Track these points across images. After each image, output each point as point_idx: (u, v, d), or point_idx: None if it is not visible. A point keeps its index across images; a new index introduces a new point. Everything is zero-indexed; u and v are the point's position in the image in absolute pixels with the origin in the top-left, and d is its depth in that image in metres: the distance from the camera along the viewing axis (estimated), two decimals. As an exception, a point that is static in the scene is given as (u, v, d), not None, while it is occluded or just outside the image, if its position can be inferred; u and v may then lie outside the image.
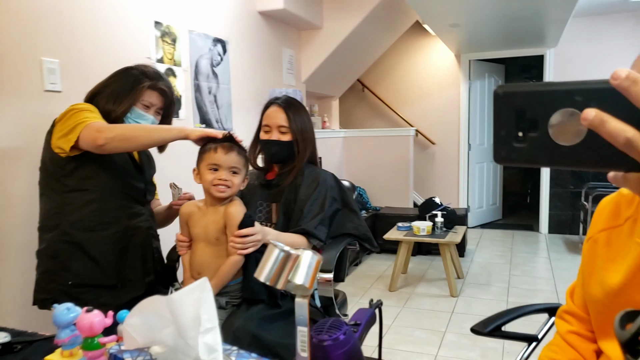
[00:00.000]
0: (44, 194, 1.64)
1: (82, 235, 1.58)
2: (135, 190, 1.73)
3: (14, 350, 0.98)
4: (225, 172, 1.46)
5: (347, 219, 1.82)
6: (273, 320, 1.54)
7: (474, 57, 5.93)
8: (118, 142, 1.46)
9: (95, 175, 1.60)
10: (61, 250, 1.57)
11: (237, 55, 3.50)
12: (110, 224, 1.62)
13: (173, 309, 0.69)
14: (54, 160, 1.57)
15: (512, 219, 6.68)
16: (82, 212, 1.59)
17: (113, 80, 1.69)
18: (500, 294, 3.77)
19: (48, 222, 1.61)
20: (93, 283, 1.58)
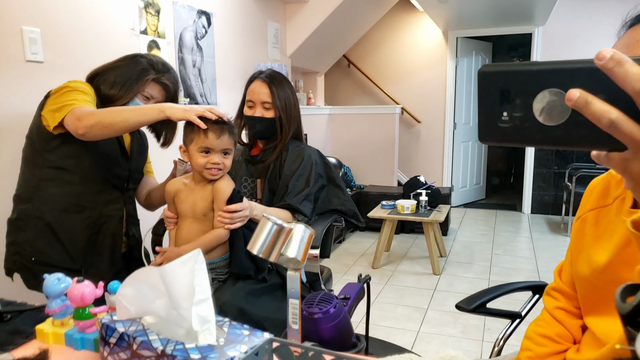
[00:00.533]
0: (25, 164, 1.60)
1: (54, 215, 1.56)
2: (117, 177, 1.69)
3: (4, 320, 0.97)
4: (218, 155, 1.43)
5: (332, 194, 1.83)
6: (259, 295, 1.55)
7: (461, 34, 5.90)
8: (98, 130, 1.42)
9: (77, 156, 1.57)
10: (30, 224, 1.56)
11: (222, 28, 3.42)
12: (85, 208, 1.60)
13: (166, 280, 0.69)
14: (40, 132, 1.54)
15: (495, 199, 6.76)
16: (58, 191, 1.56)
17: (119, 65, 1.64)
18: (482, 273, 3.83)
19: (23, 194, 1.59)
20: (56, 264, 1.55)
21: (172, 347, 0.69)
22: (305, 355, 0.69)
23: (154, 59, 1.69)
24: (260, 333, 0.75)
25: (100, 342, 0.77)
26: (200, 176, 1.49)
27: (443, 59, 6.00)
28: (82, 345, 0.85)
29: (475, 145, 6.38)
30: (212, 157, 1.42)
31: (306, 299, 0.94)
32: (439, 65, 6.02)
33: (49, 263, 1.56)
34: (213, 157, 1.42)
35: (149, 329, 0.73)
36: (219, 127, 1.42)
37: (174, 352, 0.68)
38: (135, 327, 0.74)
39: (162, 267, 0.69)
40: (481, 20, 5.40)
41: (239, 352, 0.69)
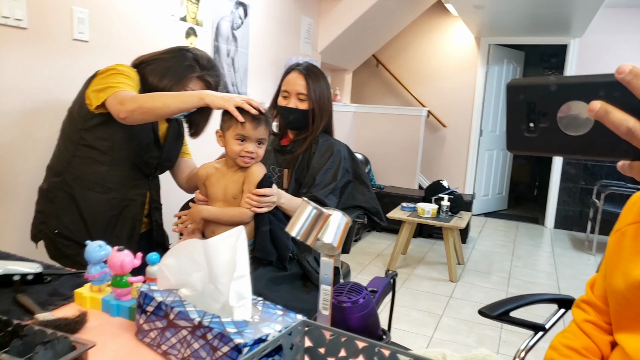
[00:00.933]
0: (62, 137, 1.65)
1: (81, 192, 1.60)
2: (146, 164, 1.72)
3: (44, 282, 1.00)
4: (253, 144, 1.45)
5: (358, 191, 1.83)
6: (279, 283, 1.56)
7: (494, 41, 5.83)
8: (138, 115, 1.45)
9: (111, 138, 1.60)
10: (58, 197, 1.60)
11: (258, 20, 3.45)
12: (110, 190, 1.63)
13: (208, 253, 0.70)
14: (81, 110, 1.58)
15: (517, 210, 6.67)
16: (88, 170, 1.60)
17: (166, 58, 1.67)
18: (500, 284, 3.79)
19: (56, 166, 1.63)
20: (76, 239, 1.59)
21: (208, 320, 0.70)
22: (337, 340, 0.70)
23: (199, 54, 1.71)
24: (293, 314, 0.76)
25: (137, 309, 0.79)
26: (232, 161, 1.51)
27: (473, 65, 5.94)
28: (117, 312, 0.88)
29: (501, 154, 6.31)
30: (247, 145, 1.44)
31: (335, 287, 0.95)
32: (468, 70, 5.97)
33: (69, 237, 1.60)
34: (248, 146, 1.44)
35: (185, 301, 0.75)
36: (257, 117, 1.45)
37: (211, 324, 0.69)
38: (173, 297, 0.75)
39: (206, 241, 0.70)
40: (515, 28, 5.33)
41: (273, 330, 0.70)
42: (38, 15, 1.88)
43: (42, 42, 1.91)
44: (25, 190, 1.83)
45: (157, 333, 0.76)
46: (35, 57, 1.89)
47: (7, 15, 1.76)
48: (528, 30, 5.35)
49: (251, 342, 0.66)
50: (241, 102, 1.44)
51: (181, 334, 0.72)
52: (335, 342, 0.70)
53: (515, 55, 6.22)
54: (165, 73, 1.63)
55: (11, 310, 0.87)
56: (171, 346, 0.74)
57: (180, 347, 0.72)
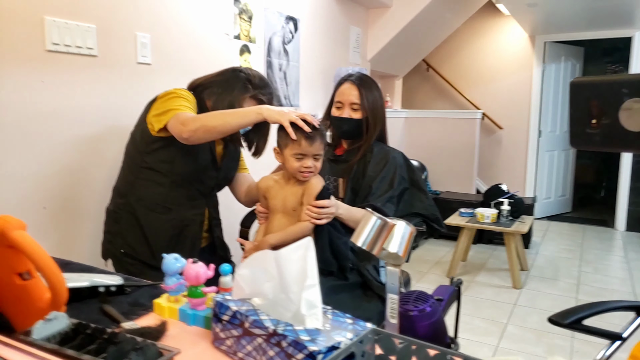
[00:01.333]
0: (126, 159, 1.74)
1: (143, 213, 1.67)
2: (204, 186, 1.77)
3: (126, 293, 1.07)
4: (310, 159, 1.49)
5: (415, 198, 1.82)
6: (338, 292, 1.57)
7: (550, 38, 5.63)
8: (201, 134, 1.49)
9: (172, 161, 1.66)
10: (124, 218, 1.68)
11: (307, 33, 3.52)
12: (170, 210, 1.69)
13: (280, 264, 0.73)
14: (144, 133, 1.66)
15: (583, 213, 6.36)
16: (150, 192, 1.67)
17: (220, 80, 1.73)
18: (569, 290, 3.63)
19: (121, 188, 1.72)
20: (140, 259, 1.67)
21: (282, 328, 0.73)
22: (408, 348, 0.71)
23: (251, 74, 1.75)
24: (362, 323, 0.77)
25: (214, 318, 0.83)
26: (291, 175, 1.55)
27: (529, 64, 5.76)
28: (193, 321, 0.93)
29: (562, 154, 6.06)
30: (305, 161, 1.48)
31: (401, 296, 0.95)
32: (524, 70, 5.79)
33: (134, 257, 1.67)
34: (306, 162, 1.48)
35: (258, 310, 0.78)
36: (312, 135, 1.47)
37: (285, 332, 0.72)
38: (247, 306, 0.79)
39: (278, 252, 0.74)
40: (572, 23, 5.13)
41: (345, 338, 0.72)
42: (106, 43, 2.01)
43: (110, 68, 2.04)
44: (95, 210, 1.94)
45: (233, 341, 0.79)
46: (105, 82, 2.02)
47: (80, 45, 1.90)
48: (587, 24, 5.13)
49: (325, 349, 0.68)
50: (296, 119, 1.46)
51: (256, 341, 0.75)
52: (406, 350, 0.71)
53: (574, 51, 5.98)
54: (221, 95, 1.68)
55: (99, 319, 0.94)
56: (247, 353, 0.77)
57: (255, 354, 0.76)
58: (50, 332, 0.74)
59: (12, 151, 1.73)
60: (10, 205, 1.73)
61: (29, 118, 1.77)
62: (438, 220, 1.84)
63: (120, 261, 1.70)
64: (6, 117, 1.70)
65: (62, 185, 1.92)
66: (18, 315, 0.86)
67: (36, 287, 0.83)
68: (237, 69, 1.77)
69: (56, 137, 1.87)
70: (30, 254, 0.78)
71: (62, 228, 1.92)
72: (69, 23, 1.85)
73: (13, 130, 1.73)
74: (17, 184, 1.76)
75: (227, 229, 1.95)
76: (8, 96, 1.70)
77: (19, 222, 0.79)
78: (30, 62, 1.75)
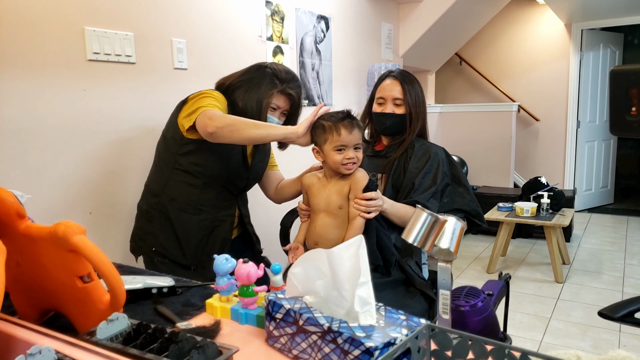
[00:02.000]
0: (158, 159, 1.76)
1: (176, 213, 1.69)
2: (235, 186, 1.79)
3: (177, 293, 1.10)
4: (352, 150, 1.48)
5: (457, 194, 1.80)
6: (382, 289, 1.57)
7: (587, 26, 5.45)
8: (227, 133, 1.48)
9: (204, 164, 1.68)
10: (156, 217, 1.71)
11: (339, 31, 3.52)
12: (201, 211, 1.71)
13: (332, 261, 0.74)
14: (175, 135, 1.67)
15: (626, 204, 6.14)
16: (182, 193, 1.69)
17: (247, 79, 1.72)
18: (614, 284, 3.52)
19: (154, 187, 1.74)
20: (171, 258, 1.70)
21: (337, 325, 0.74)
22: (464, 343, 0.71)
23: (277, 69, 1.74)
24: (416, 319, 0.77)
25: (266, 317, 0.84)
26: (332, 171, 1.55)
27: (565, 53, 5.59)
28: (246, 319, 0.95)
29: (602, 145, 5.86)
30: (346, 152, 1.47)
31: (452, 292, 0.95)
32: (560, 60, 5.63)
33: (165, 255, 1.70)
34: (347, 153, 1.47)
35: (311, 307, 0.79)
36: (349, 123, 1.48)
37: (340, 329, 0.73)
38: (300, 304, 0.80)
39: (330, 250, 0.74)
40: (611, 9, 4.95)
41: (400, 334, 0.72)
42: (144, 50, 2.06)
43: (148, 74, 2.09)
44: (127, 208, 2.00)
45: (287, 339, 0.80)
46: (143, 88, 2.07)
47: (119, 53, 1.96)
48: (626, 9, 4.94)
49: (381, 345, 0.69)
50: (313, 118, 1.50)
51: (311, 339, 0.76)
52: (462, 345, 0.71)
53: (613, 38, 5.77)
54: (248, 93, 1.68)
55: (154, 319, 0.97)
56: (302, 351, 0.78)
57: (310, 351, 0.77)
58: (112, 332, 0.77)
59: (58, 157, 1.80)
60: (58, 209, 1.80)
61: (73, 125, 1.83)
62: (479, 215, 1.81)
63: (150, 258, 1.73)
64: (51, 124, 1.76)
65: (105, 190, 1.98)
66: (80, 316, 0.89)
67: (96, 289, 0.86)
68: (263, 65, 1.76)
69: (98, 143, 1.93)
70: (91, 258, 0.81)
71: (102, 230, 1.98)
72: (107, 32, 1.90)
73: (58, 137, 1.79)
74: (65, 188, 1.82)
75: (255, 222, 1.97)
76: (52, 105, 1.76)
77: (79, 227, 0.82)
78: (72, 71, 1.81)
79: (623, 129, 0.49)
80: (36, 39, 1.70)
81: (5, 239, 0.81)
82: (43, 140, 1.74)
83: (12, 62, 1.64)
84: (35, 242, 0.85)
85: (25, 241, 0.86)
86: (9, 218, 0.85)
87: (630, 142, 7.14)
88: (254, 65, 1.77)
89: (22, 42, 1.67)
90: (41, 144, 1.74)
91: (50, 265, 0.86)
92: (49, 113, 1.75)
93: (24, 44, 1.67)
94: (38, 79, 1.71)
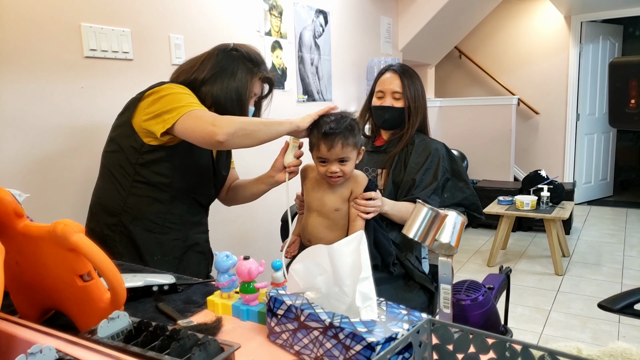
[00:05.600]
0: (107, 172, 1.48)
1: (141, 234, 1.44)
2: (204, 197, 1.59)
3: (178, 291, 1.10)
4: (334, 164, 1.38)
5: (457, 188, 1.80)
6: (380, 284, 1.57)
7: (586, 18, 5.43)
8: (240, 139, 1.28)
9: (171, 174, 1.44)
10: (116, 240, 1.44)
11: (338, 26, 3.51)
12: (171, 230, 1.48)
13: (333, 257, 0.74)
14: (133, 141, 1.41)
15: (625, 196, 6.15)
16: (146, 210, 1.44)
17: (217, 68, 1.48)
18: (614, 276, 3.52)
19: (108, 205, 1.46)
20: None
21: (338, 320, 0.74)
22: (466, 337, 0.70)
23: (247, 50, 1.52)
24: (417, 313, 0.77)
25: (268, 313, 0.84)
26: None
27: (565, 46, 5.58)
28: (247, 316, 0.95)
29: (602, 137, 5.86)
30: (328, 166, 1.39)
31: (453, 286, 0.94)
32: (560, 52, 5.61)
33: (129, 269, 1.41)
34: (330, 167, 1.39)
35: (313, 303, 0.79)
36: (330, 139, 1.35)
37: (341, 324, 0.73)
38: (301, 300, 0.80)
39: (331, 246, 0.74)
40: (611, 1, 4.93)
41: (402, 329, 0.72)
42: (141, 46, 2.05)
43: (146, 70, 2.08)
44: None
45: (289, 335, 0.80)
46: (141, 84, 2.02)
47: (116, 49, 1.95)
48: (626, 1, 4.92)
49: (383, 340, 0.69)
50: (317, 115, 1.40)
51: (313, 334, 0.76)
52: (463, 339, 0.70)
53: (612, 30, 5.76)
54: (226, 86, 1.45)
55: (155, 317, 0.97)
56: (304, 346, 0.78)
57: (312, 347, 0.77)
58: (113, 330, 0.76)
59: (56, 155, 1.79)
60: (60, 208, 1.80)
61: (70, 123, 1.83)
62: (478, 208, 1.81)
63: None
64: (48, 122, 1.76)
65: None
66: (80, 315, 0.89)
67: (96, 288, 0.86)
68: (224, 48, 1.52)
69: (96, 141, 1.92)
70: (91, 257, 0.80)
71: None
72: (104, 28, 1.89)
73: (56, 135, 1.78)
74: (63, 186, 1.82)
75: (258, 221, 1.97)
76: (49, 102, 1.75)
77: (78, 226, 0.82)
78: (69, 68, 1.80)
79: (622, 121, 0.48)
80: (32, 35, 1.69)
81: (4, 238, 0.81)
82: (41, 139, 1.74)
83: (9, 59, 1.63)
84: (34, 241, 0.85)
85: (24, 240, 0.86)
86: (7, 217, 0.85)
87: (629, 135, 7.14)
88: (215, 50, 1.52)
89: (19, 39, 1.66)
90: (39, 142, 1.73)
91: (50, 264, 0.86)
92: (46, 111, 1.75)
93: (20, 41, 1.66)
94: (35, 77, 1.71)
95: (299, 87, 3.10)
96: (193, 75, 1.47)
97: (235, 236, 2.62)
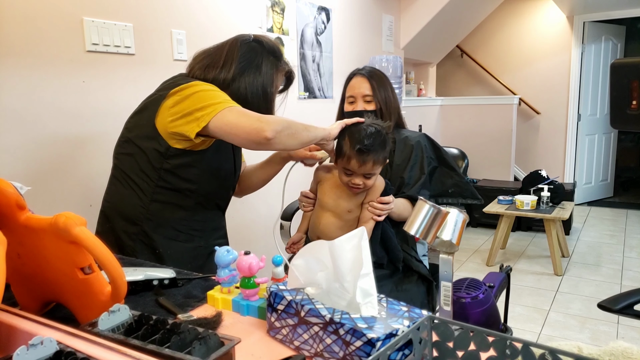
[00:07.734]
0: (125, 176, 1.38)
1: (164, 243, 1.37)
2: (224, 201, 1.54)
3: (178, 285, 1.10)
4: (360, 177, 1.41)
5: (445, 175, 1.77)
6: (379, 280, 1.57)
7: (589, 18, 5.42)
8: (285, 138, 1.21)
9: (198, 180, 1.37)
10: (138, 250, 1.37)
11: (340, 23, 3.50)
12: (194, 238, 1.42)
13: (334, 253, 0.74)
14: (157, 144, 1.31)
15: (626, 197, 6.15)
16: (170, 218, 1.37)
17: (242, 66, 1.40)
18: (613, 276, 3.53)
19: (128, 212, 1.37)
20: None
21: (339, 316, 0.74)
22: (466, 334, 0.70)
23: (268, 42, 1.45)
24: (418, 310, 0.77)
25: (268, 308, 0.84)
26: None
27: (567, 46, 5.57)
28: (247, 311, 0.95)
29: (602, 138, 5.85)
30: (353, 178, 1.41)
31: (453, 283, 0.95)
32: (562, 52, 5.60)
33: None
34: (354, 179, 1.41)
35: (313, 299, 0.79)
36: (364, 156, 1.35)
37: (342, 320, 0.73)
38: (301, 296, 0.80)
39: (332, 242, 0.74)
40: (613, 1, 4.92)
41: (402, 326, 0.72)
42: (143, 41, 2.05)
43: (148, 65, 2.08)
44: None
45: (288, 330, 0.81)
46: (143, 79, 2.06)
47: (118, 44, 1.94)
48: (629, 1, 4.91)
49: (383, 336, 0.69)
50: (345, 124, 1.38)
51: (313, 330, 0.76)
52: (463, 336, 0.71)
53: (615, 30, 5.75)
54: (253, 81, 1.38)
55: (155, 311, 0.97)
56: (303, 342, 0.78)
57: (312, 342, 0.77)
58: (114, 323, 0.76)
59: (57, 149, 1.80)
60: (61, 201, 1.80)
61: (72, 117, 1.83)
62: (473, 194, 1.79)
63: None
64: (50, 116, 1.76)
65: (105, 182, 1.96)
66: (81, 308, 0.89)
67: (97, 280, 0.86)
68: (245, 39, 1.43)
69: (98, 135, 1.92)
70: (92, 249, 0.80)
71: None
72: (106, 23, 1.89)
73: (58, 128, 1.79)
74: (65, 180, 1.82)
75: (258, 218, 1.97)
76: (51, 96, 1.76)
77: (79, 219, 0.82)
78: (71, 63, 1.80)
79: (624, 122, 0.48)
80: (34, 30, 1.69)
81: (6, 230, 0.81)
82: (43, 132, 1.74)
83: (11, 53, 1.63)
84: (35, 234, 0.85)
85: (25, 232, 0.86)
86: (9, 209, 0.85)
87: (630, 136, 7.13)
88: (236, 42, 1.42)
89: (21, 33, 1.65)
90: (41, 135, 1.73)
91: (51, 256, 0.86)
92: (48, 104, 1.75)
93: (22, 35, 1.66)
94: (37, 71, 1.71)
95: (300, 84, 3.10)
96: (222, 72, 1.38)
97: (235, 231, 2.62)
